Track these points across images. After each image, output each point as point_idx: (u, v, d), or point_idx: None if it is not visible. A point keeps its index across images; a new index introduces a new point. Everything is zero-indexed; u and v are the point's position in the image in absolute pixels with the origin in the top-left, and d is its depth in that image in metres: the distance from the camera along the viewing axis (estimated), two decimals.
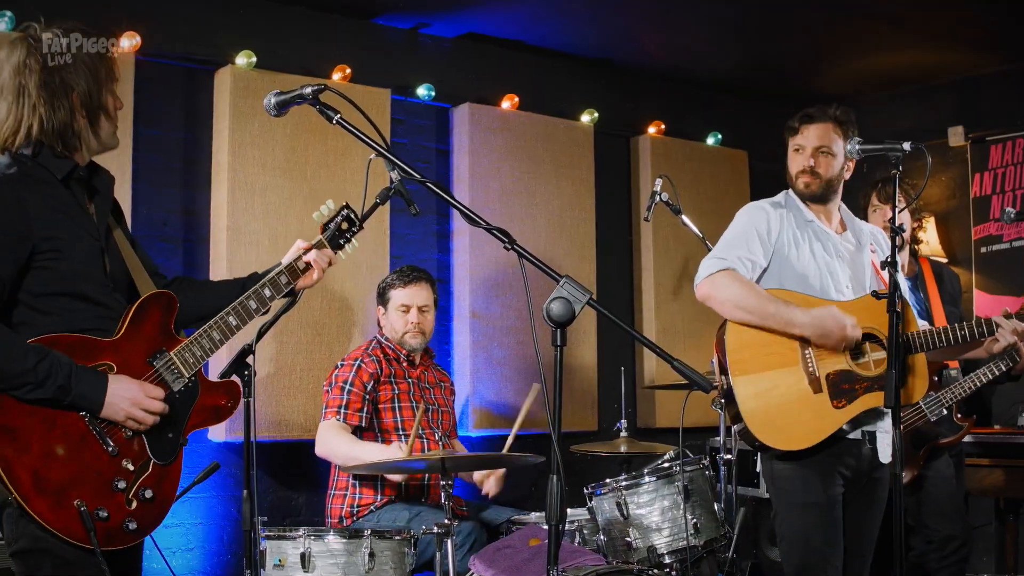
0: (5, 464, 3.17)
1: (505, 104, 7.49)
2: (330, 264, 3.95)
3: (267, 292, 3.76)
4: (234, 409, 3.68)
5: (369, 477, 5.64)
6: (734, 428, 4.76)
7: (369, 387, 5.73)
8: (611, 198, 8.13)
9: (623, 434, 6.00)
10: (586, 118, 7.89)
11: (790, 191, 4.99)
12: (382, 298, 6.07)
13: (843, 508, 4.72)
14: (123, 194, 5.91)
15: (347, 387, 5.70)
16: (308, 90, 3.47)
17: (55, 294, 3.37)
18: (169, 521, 5.77)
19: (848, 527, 4.75)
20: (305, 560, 4.72)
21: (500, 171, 7.38)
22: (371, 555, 4.76)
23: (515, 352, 7.29)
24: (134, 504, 3.36)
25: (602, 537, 5.43)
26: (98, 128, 3.50)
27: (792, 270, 4.80)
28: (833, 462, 4.68)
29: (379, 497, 5.67)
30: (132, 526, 3.34)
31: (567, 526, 5.49)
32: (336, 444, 5.62)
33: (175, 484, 3.49)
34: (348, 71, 6.71)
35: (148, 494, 3.39)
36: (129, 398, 3.34)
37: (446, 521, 4.62)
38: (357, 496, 5.69)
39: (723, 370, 4.73)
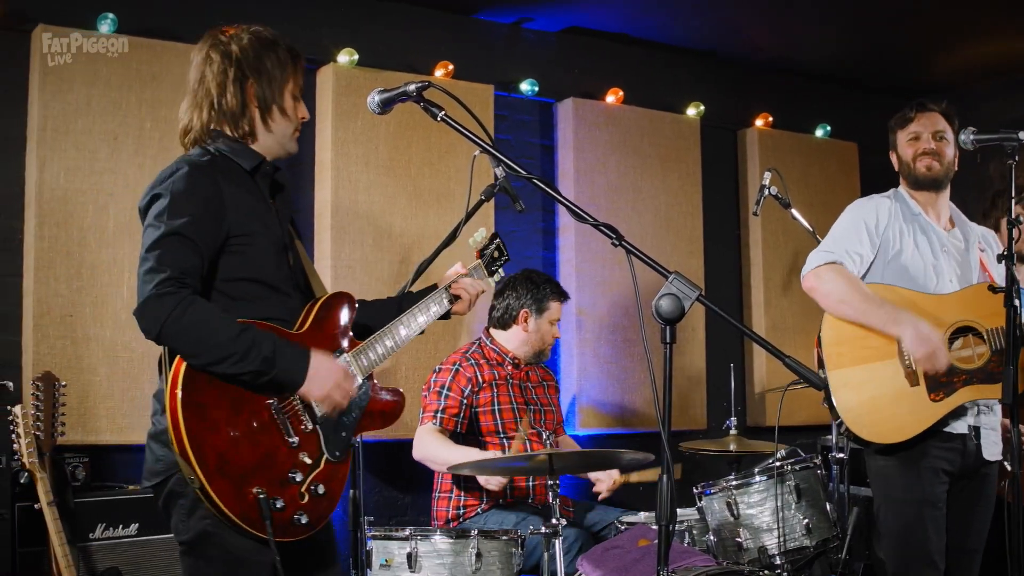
0: (195, 442, 3.14)
1: (610, 98, 7.43)
2: (480, 293, 4.04)
3: (434, 308, 3.84)
4: (398, 414, 3.70)
5: (474, 480, 5.60)
6: (835, 424, 4.70)
7: (467, 392, 5.70)
8: (718, 192, 8.04)
9: (732, 433, 5.92)
10: (692, 111, 7.81)
11: (900, 188, 4.97)
12: (539, 305, 6.00)
13: (949, 505, 4.68)
14: None
15: (444, 392, 5.68)
16: (412, 87, 3.46)
17: (246, 280, 3.41)
18: None
19: (954, 524, 4.71)
20: (412, 560, 4.69)
21: (605, 166, 7.32)
22: (478, 555, 4.73)
23: (622, 350, 7.23)
24: (306, 498, 3.35)
25: (712, 538, 5.38)
26: (271, 124, 3.53)
27: (896, 263, 4.79)
28: (935, 457, 4.64)
29: (485, 500, 5.64)
30: (303, 520, 3.34)
31: (677, 527, 5.44)
32: (433, 448, 5.60)
33: (343, 482, 3.49)
34: (450, 67, 6.70)
35: (320, 489, 3.39)
36: (332, 377, 3.36)
37: (554, 521, 4.56)
38: (462, 498, 5.67)
39: (820, 364, 4.75)
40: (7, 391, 4.74)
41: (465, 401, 5.69)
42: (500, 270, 4.19)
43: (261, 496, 3.20)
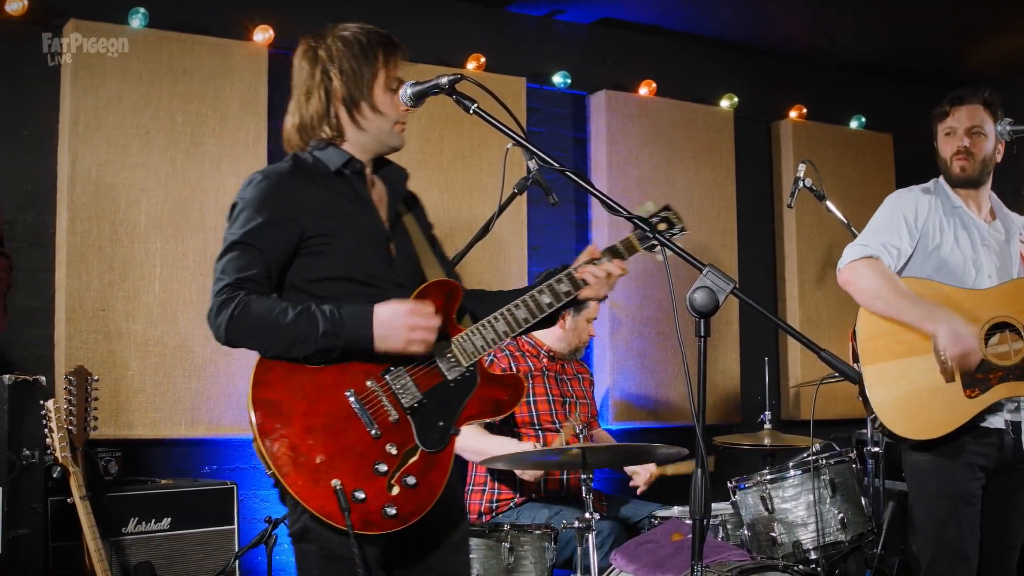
0: (265, 436, 3.19)
1: (642, 90, 7.39)
2: (621, 274, 3.75)
3: (563, 287, 3.62)
4: (514, 405, 3.57)
5: (508, 474, 5.58)
6: (869, 418, 4.65)
7: None
8: (752, 185, 7.99)
9: (767, 427, 5.88)
10: (725, 103, 7.77)
11: (940, 179, 4.89)
12: (578, 304, 5.95)
13: (986, 501, 4.61)
14: None
15: None
16: (444, 80, 3.43)
17: (330, 278, 3.40)
18: None
19: (991, 521, 4.64)
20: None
21: (638, 159, 7.29)
22: (511, 549, 4.71)
23: (656, 343, 7.20)
24: (396, 490, 3.28)
25: (746, 532, 5.36)
26: (362, 121, 3.50)
27: (936, 257, 4.72)
28: (972, 453, 4.57)
29: (519, 494, 5.62)
30: (391, 511, 3.26)
31: (711, 521, 5.41)
32: (470, 439, 5.55)
33: (444, 473, 3.39)
34: (482, 60, 6.68)
35: (411, 480, 3.31)
36: (400, 321, 3.28)
37: (587, 516, 4.53)
38: (496, 492, 5.64)
39: (855, 358, 4.68)
40: (40, 386, 4.74)
41: None
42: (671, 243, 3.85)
43: (338, 488, 3.19)
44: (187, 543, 5.18)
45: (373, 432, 3.29)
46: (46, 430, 4.61)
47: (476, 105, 3.41)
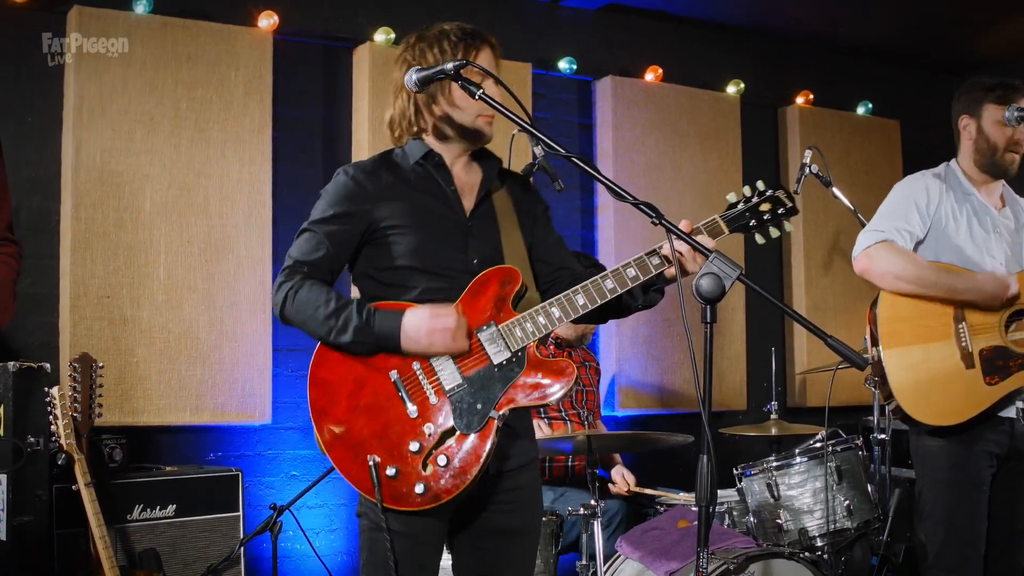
0: (317, 414, 3.38)
1: (648, 76, 7.37)
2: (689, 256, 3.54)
3: (631, 272, 3.56)
4: (562, 391, 3.48)
5: None
6: (886, 405, 4.63)
7: None
8: (758, 171, 7.91)
9: (773, 417, 5.86)
10: (732, 89, 7.74)
11: (951, 164, 4.86)
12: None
13: (995, 487, 4.62)
14: (262, 173, 5.96)
15: None
16: (450, 66, 3.42)
17: (399, 268, 3.50)
18: (312, 502, 5.86)
19: (1000, 507, 4.64)
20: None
21: (644, 145, 7.27)
22: None
23: (662, 330, 7.18)
24: (429, 469, 3.35)
25: (752, 519, 5.35)
26: (438, 114, 3.56)
27: (948, 244, 4.69)
28: (984, 440, 4.57)
29: None
30: (419, 489, 3.33)
31: (717, 508, 5.40)
32: None
33: (479, 456, 3.37)
34: None
35: (443, 461, 3.35)
36: (423, 324, 3.36)
37: (592, 502, 4.52)
38: None
39: (874, 342, 4.64)
40: (44, 373, 4.72)
41: None
42: (785, 224, 3.69)
43: (372, 464, 3.32)
44: (192, 530, 5.18)
45: (411, 412, 3.38)
46: (51, 417, 4.60)
47: (482, 91, 3.40)
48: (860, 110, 8.37)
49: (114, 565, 4.51)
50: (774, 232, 3.69)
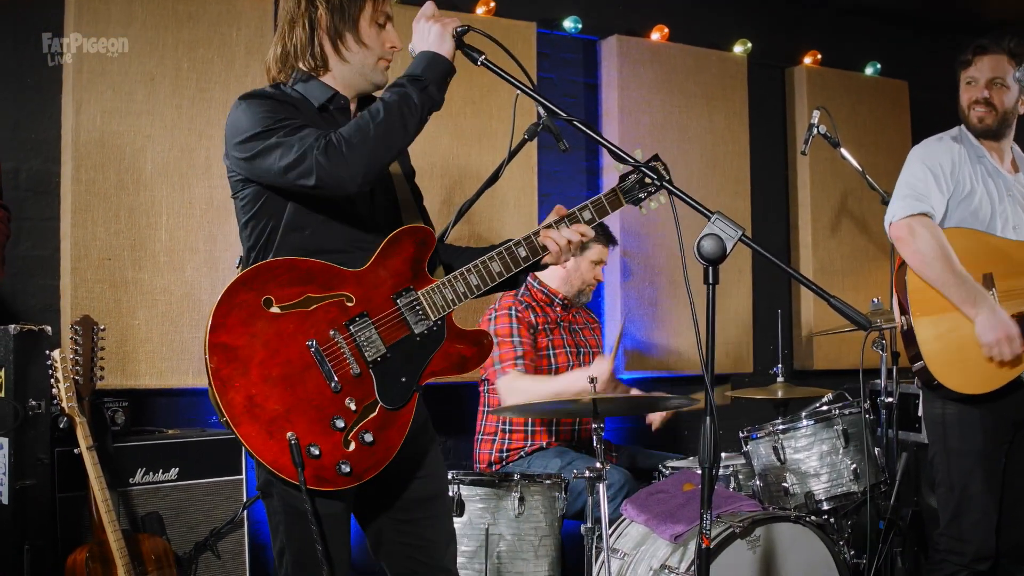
0: (221, 384, 3.11)
1: (655, 35, 7.30)
2: (581, 239, 3.59)
3: (522, 252, 3.50)
4: (480, 362, 3.47)
5: (519, 421, 5.55)
6: (913, 368, 4.62)
7: (532, 336, 5.62)
8: (766, 132, 7.91)
9: (779, 379, 5.83)
10: (739, 49, 7.67)
11: (963, 127, 4.87)
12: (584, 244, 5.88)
13: (1009, 455, 4.67)
14: None
15: (516, 339, 5.57)
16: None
17: (312, 209, 3.32)
18: None
19: (1014, 475, 4.69)
20: (454, 504, 4.65)
21: (650, 105, 7.21)
22: (521, 500, 4.69)
23: (667, 292, 7.15)
24: (352, 446, 3.20)
25: (758, 482, 5.35)
26: (346, 54, 3.43)
27: (966, 207, 4.71)
28: (1002, 407, 4.59)
29: (529, 443, 5.59)
30: (346, 468, 3.18)
31: (722, 471, 5.41)
32: (534, 388, 5.41)
33: (403, 431, 3.30)
34: (492, 4, 6.58)
35: (368, 437, 3.22)
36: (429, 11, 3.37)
37: (598, 465, 4.50)
38: (506, 441, 5.61)
39: (903, 310, 4.66)
40: (45, 335, 4.70)
41: (532, 345, 5.62)
42: (659, 197, 3.66)
43: (293, 441, 3.12)
44: (195, 493, 5.17)
45: (333, 385, 3.22)
46: (52, 380, 4.59)
47: (484, 56, 3.38)
48: (868, 70, 8.29)
49: (117, 529, 4.51)
50: (653, 204, 3.68)
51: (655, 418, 5.89)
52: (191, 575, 5.09)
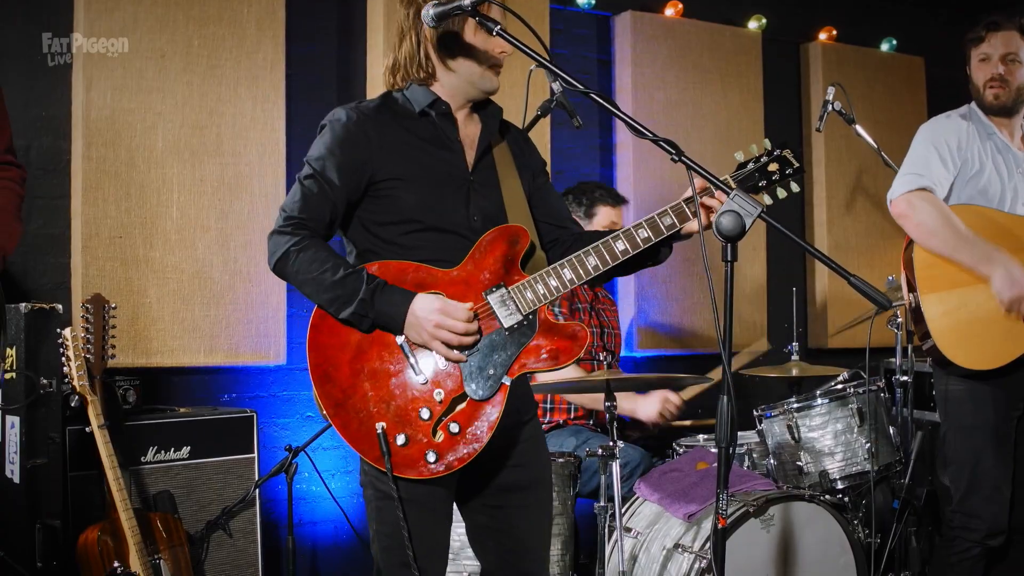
0: (318, 379, 3.27)
1: (669, 11, 7.25)
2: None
3: (643, 233, 3.43)
4: (574, 355, 3.43)
5: (537, 399, 5.52)
6: (923, 346, 4.60)
7: (555, 315, 5.55)
8: (780, 108, 7.86)
9: (794, 358, 5.79)
10: (754, 24, 7.61)
11: (974, 104, 4.84)
12: (587, 211, 5.84)
13: (1020, 430, 4.67)
14: (276, 111, 5.89)
15: (556, 311, 5.54)
16: (467, 1, 3.34)
17: (396, 222, 3.40)
18: (328, 443, 5.83)
19: None
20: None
21: (664, 81, 7.17)
22: None
23: (681, 269, 7.11)
24: (440, 436, 3.28)
25: (772, 461, 5.33)
26: (452, 63, 3.47)
27: (975, 184, 4.68)
28: (1016, 384, 4.58)
29: (547, 419, 5.57)
30: (432, 458, 3.26)
31: (736, 450, 5.37)
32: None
33: (491, 423, 3.32)
34: None
35: (455, 428, 3.29)
36: (433, 315, 3.26)
37: (611, 444, 4.47)
38: None
39: (911, 287, 4.64)
40: (57, 314, 4.69)
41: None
42: (792, 184, 3.53)
43: (381, 432, 3.22)
44: (207, 472, 5.15)
45: (420, 378, 3.30)
46: (63, 358, 4.57)
47: (499, 27, 3.33)
48: (884, 46, 8.24)
49: (128, 507, 4.49)
50: (781, 193, 3.56)
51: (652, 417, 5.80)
52: (203, 553, 5.08)
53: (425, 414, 3.27)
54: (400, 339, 3.30)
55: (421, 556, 3.29)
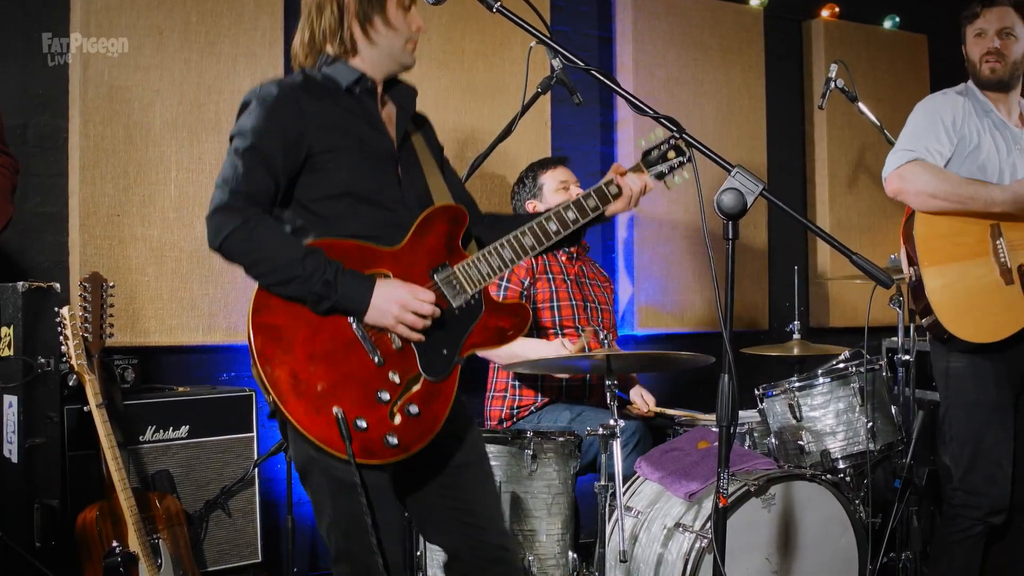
0: (265, 362, 3.16)
1: None
2: (644, 191, 3.66)
3: (571, 215, 3.55)
4: (519, 333, 3.50)
5: (529, 377, 5.51)
6: (924, 322, 4.60)
7: (525, 283, 5.55)
8: (782, 86, 7.83)
9: (795, 336, 5.78)
10: (756, 1, 7.59)
11: (970, 83, 4.87)
12: (533, 188, 5.79)
13: (1020, 407, 4.70)
14: None
15: (503, 284, 5.53)
16: None
17: (333, 196, 3.36)
18: None
19: None
20: None
21: (665, 58, 7.14)
22: (534, 456, 4.65)
23: (682, 247, 7.09)
24: (398, 419, 3.25)
25: (773, 440, 5.32)
26: (374, 36, 3.44)
27: (973, 161, 4.69)
28: (1016, 358, 4.61)
29: (539, 398, 5.55)
30: (393, 441, 3.23)
31: (737, 429, 5.35)
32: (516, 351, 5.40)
33: (447, 402, 3.35)
34: None
35: (414, 409, 3.27)
36: (398, 300, 3.24)
37: (611, 423, 4.46)
38: (517, 398, 5.57)
39: (912, 261, 4.64)
40: (54, 292, 4.67)
41: (524, 293, 5.56)
42: (683, 172, 3.68)
43: (340, 416, 3.16)
44: (205, 451, 5.14)
45: (376, 359, 3.26)
46: (61, 337, 4.55)
47: (499, 3, 3.32)
48: (887, 24, 8.20)
49: (127, 487, 4.49)
50: (676, 179, 3.69)
51: (640, 407, 5.78)
52: (202, 533, 5.08)
53: (384, 396, 3.24)
54: (353, 320, 3.26)
55: (383, 541, 3.26)
